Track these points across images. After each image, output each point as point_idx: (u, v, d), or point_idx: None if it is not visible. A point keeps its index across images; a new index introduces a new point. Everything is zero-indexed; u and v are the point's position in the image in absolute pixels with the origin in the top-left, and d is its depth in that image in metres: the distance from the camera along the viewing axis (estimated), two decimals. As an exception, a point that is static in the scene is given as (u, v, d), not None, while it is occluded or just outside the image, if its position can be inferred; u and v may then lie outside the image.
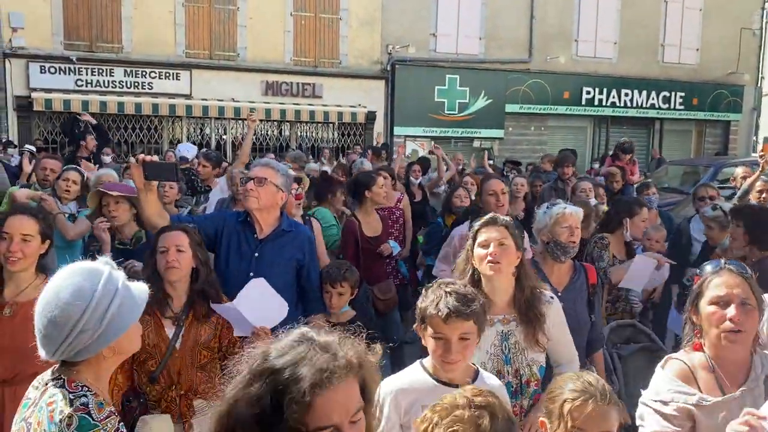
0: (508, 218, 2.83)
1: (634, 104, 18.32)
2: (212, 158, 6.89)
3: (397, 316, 5.20)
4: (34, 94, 12.96)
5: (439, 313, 2.13)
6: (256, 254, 3.29)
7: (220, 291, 2.97)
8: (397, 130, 16.11)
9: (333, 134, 15.89)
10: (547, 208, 3.48)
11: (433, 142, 15.80)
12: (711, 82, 18.72)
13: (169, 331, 2.83)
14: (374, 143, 14.62)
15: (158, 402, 2.78)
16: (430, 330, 2.19)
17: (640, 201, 5.11)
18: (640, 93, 18.26)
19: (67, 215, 4.76)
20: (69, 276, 1.72)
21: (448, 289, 2.20)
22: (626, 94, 18.16)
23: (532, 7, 16.79)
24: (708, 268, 2.26)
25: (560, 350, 2.85)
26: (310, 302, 3.51)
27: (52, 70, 13.25)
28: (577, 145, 17.08)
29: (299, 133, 15.67)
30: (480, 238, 2.70)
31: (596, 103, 17.89)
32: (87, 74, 13.46)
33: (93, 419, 1.65)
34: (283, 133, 15.56)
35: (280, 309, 2.88)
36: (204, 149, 9.74)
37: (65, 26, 13.29)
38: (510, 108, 16.98)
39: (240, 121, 14.96)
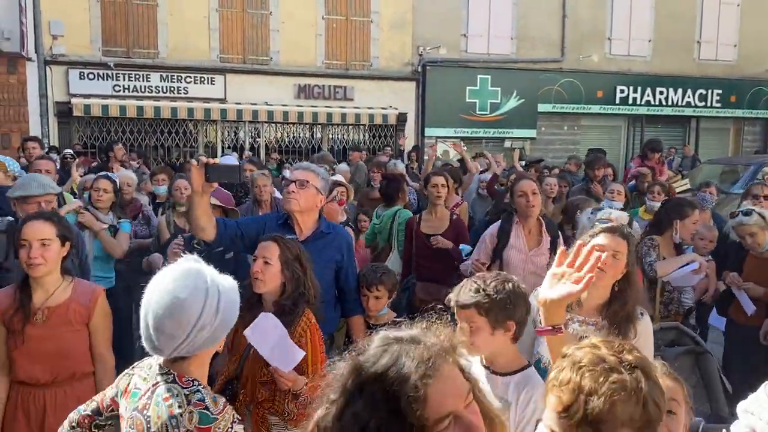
0: (631, 231, 2.82)
1: (670, 102, 18.02)
2: (256, 163, 7.03)
3: None
4: (73, 100, 13.28)
5: (457, 302, 2.34)
6: None
7: (301, 315, 2.80)
8: (428, 132, 16.10)
9: (364, 136, 15.95)
10: (592, 213, 3.47)
11: (462, 143, 15.81)
12: (749, 78, 18.30)
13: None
14: (399, 147, 14.60)
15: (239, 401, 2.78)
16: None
17: (691, 202, 5.03)
18: (675, 91, 17.95)
19: (107, 227, 4.82)
20: (180, 277, 1.77)
21: (473, 280, 2.39)
22: (661, 93, 17.87)
23: (564, 5, 16.63)
24: None
25: None
26: (348, 303, 3.54)
27: (91, 76, 13.56)
28: (611, 145, 16.89)
29: (331, 136, 15.77)
30: (596, 241, 2.67)
31: (630, 101, 17.63)
32: (124, 80, 13.74)
33: (212, 413, 1.72)
34: (314, 136, 15.68)
35: (294, 354, 2.63)
36: (248, 155, 9.91)
37: (103, 33, 13.59)
38: (542, 108, 16.85)
39: (273, 124, 15.12)
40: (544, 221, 4.42)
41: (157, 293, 1.76)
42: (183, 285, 1.75)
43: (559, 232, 4.53)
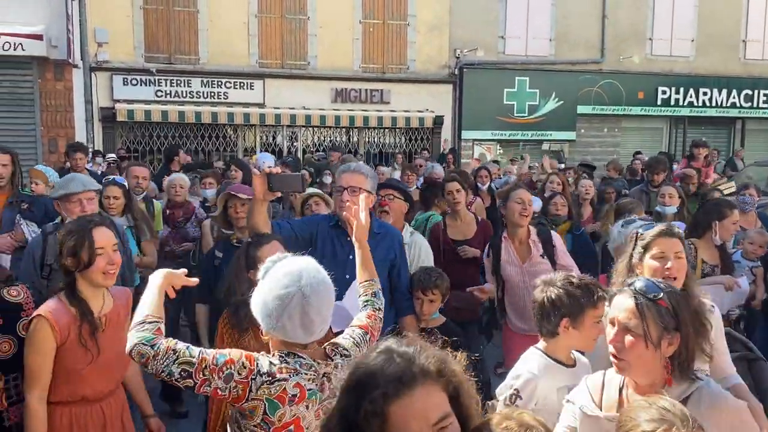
0: (680, 229, 2.86)
1: (713, 103, 17.59)
2: (290, 164, 7.02)
3: (475, 330, 5.11)
4: (117, 105, 13.60)
5: None
6: (351, 257, 3.25)
7: None
8: (465, 134, 16.03)
9: (400, 139, 15.96)
10: (622, 226, 3.39)
11: (487, 146, 15.71)
12: (798, 78, 17.77)
13: None
14: (441, 149, 14.58)
15: None
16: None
17: (729, 203, 4.90)
18: (719, 91, 17.52)
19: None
20: (311, 266, 2.01)
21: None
22: (704, 93, 17.45)
23: (603, 6, 16.39)
24: None
25: (722, 360, 2.77)
26: (400, 303, 3.52)
27: (134, 82, 13.87)
28: (653, 147, 16.52)
29: (367, 139, 15.82)
30: (654, 250, 2.69)
31: (672, 102, 17.27)
32: (166, 85, 14.02)
33: None
34: (351, 140, 15.75)
35: (346, 313, 2.82)
36: (285, 156, 9.98)
37: (146, 40, 13.90)
38: (582, 109, 16.61)
39: (310, 128, 15.24)
40: (532, 229, 4.31)
41: (308, 284, 1.93)
42: (318, 272, 1.98)
43: (554, 235, 4.39)
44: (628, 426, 1.68)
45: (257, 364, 1.92)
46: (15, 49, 12.39)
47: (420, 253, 4.13)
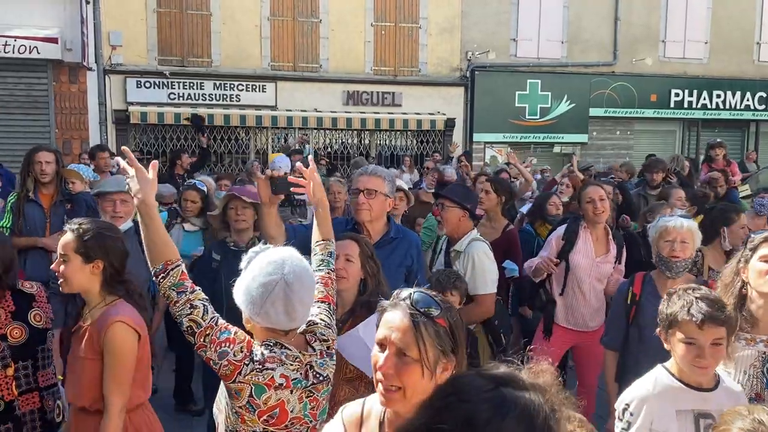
0: None
1: (727, 106, 17.46)
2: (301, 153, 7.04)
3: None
4: (130, 108, 13.70)
5: (693, 319, 2.17)
6: None
7: None
8: (477, 137, 16.00)
9: (411, 142, 15.96)
10: (657, 221, 3.43)
11: (510, 151, 15.63)
12: (813, 80, 17.61)
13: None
14: (449, 154, 14.50)
15: None
16: (679, 335, 2.22)
17: (735, 207, 4.91)
18: (733, 94, 17.39)
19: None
20: (300, 257, 2.12)
21: (696, 295, 2.23)
22: (718, 96, 17.33)
23: (616, 8, 16.32)
24: None
25: None
26: None
27: (147, 84, 13.96)
28: (666, 150, 16.42)
29: (378, 142, 15.83)
30: (762, 251, 2.58)
31: (686, 105, 17.16)
32: (179, 88, 14.10)
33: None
34: (363, 142, 15.77)
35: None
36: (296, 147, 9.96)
37: (159, 43, 13.99)
38: (594, 112, 16.54)
39: (322, 131, 15.28)
40: (610, 230, 4.36)
41: (292, 272, 2.01)
42: (300, 261, 2.07)
43: (623, 243, 4.44)
44: (721, 428, 1.74)
45: (252, 352, 2.02)
46: (30, 53, 12.52)
47: (470, 266, 3.83)
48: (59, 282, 2.65)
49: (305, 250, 3.37)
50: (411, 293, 1.68)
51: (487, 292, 3.79)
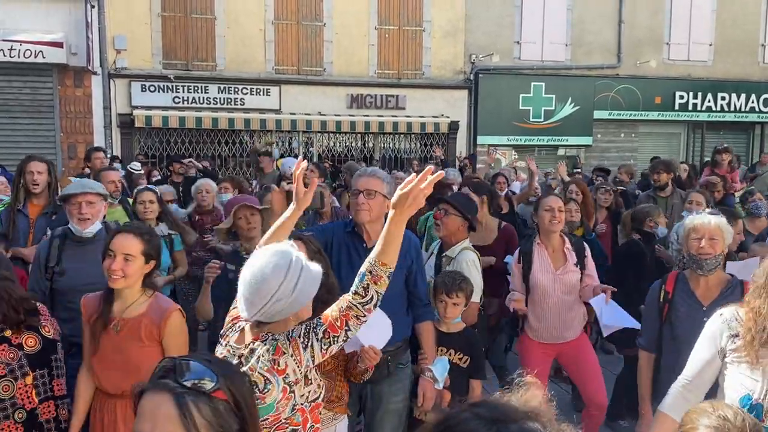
0: None
1: (732, 108, 17.40)
2: (321, 168, 7.04)
3: (502, 340, 5.07)
4: (135, 112, 13.73)
5: None
6: None
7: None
8: (481, 140, 15.99)
9: (415, 145, 15.96)
10: (684, 220, 3.42)
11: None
12: (818, 82, 17.54)
13: None
14: (438, 157, 14.26)
15: None
16: None
17: (732, 212, 4.89)
18: (738, 96, 17.33)
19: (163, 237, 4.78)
20: (269, 255, 2.10)
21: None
22: (723, 98, 17.27)
23: (620, 11, 16.30)
24: None
25: None
26: (418, 308, 3.45)
27: (152, 88, 14.00)
28: (671, 152, 16.41)
29: (382, 145, 15.83)
30: None
31: (690, 108, 17.11)
32: (183, 92, 14.13)
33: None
34: (366, 145, 15.77)
35: (387, 329, 2.84)
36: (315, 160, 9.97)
37: (164, 47, 14.02)
38: (598, 114, 16.52)
39: (326, 134, 15.30)
40: (566, 238, 4.30)
41: (249, 266, 2.10)
42: (268, 262, 2.07)
43: (586, 246, 4.39)
44: (686, 427, 1.72)
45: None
46: (35, 57, 12.60)
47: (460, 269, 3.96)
48: (115, 277, 2.80)
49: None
50: (178, 362, 1.31)
51: (472, 301, 3.83)
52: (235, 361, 2.11)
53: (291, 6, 14.60)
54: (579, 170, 12.81)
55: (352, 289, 2.13)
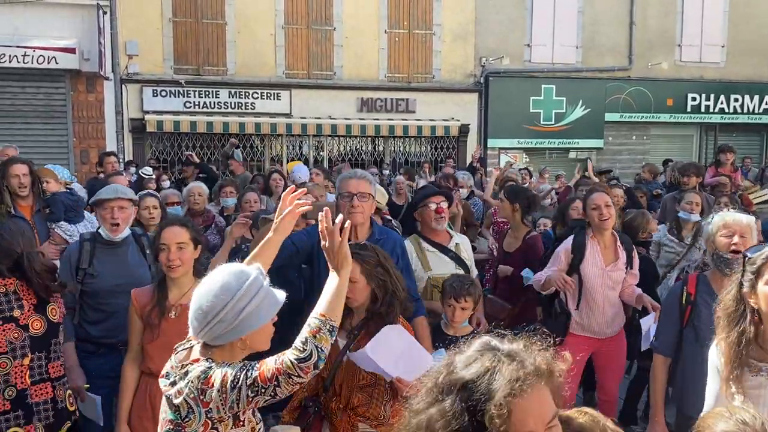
0: None
1: (745, 110, 17.26)
2: (325, 171, 7.12)
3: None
4: (147, 116, 13.81)
5: None
6: None
7: (398, 315, 2.87)
8: (491, 143, 15.96)
9: (426, 148, 15.95)
10: (713, 217, 3.33)
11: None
12: (832, 83, 17.36)
13: (341, 342, 2.80)
14: (473, 160, 14.23)
15: (327, 411, 2.79)
16: None
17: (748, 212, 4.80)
18: (751, 98, 17.19)
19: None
20: (223, 273, 1.99)
21: None
22: (736, 100, 17.14)
23: (631, 12, 16.23)
24: None
25: None
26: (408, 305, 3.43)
27: (163, 93, 14.08)
28: (683, 155, 16.27)
29: (393, 148, 15.84)
30: None
31: (703, 109, 16.99)
32: (195, 96, 14.21)
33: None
34: (377, 149, 15.78)
35: (421, 360, 2.63)
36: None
37: (175, 52, 14.11)
38: (609, 117, 16.44)
39: (336, 138, 15.32)
40: (617, 235, 4.30)
41: (203, 282, 2.01)
42: (219, 280, 1.96)
43: (634, 246, 4.40)
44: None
45: None
46: (49, 63, 12.71)
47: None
48: (174, 266, 3.06)
49: (290, 261, 3.32)
50: None
51: None
52: (172, 382, 1.99)
53: (301, 10, 14.65)
54: (613, 173, 12.73)
55: (294, 342, 1.93)
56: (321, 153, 15.42)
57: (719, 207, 5.32)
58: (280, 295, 2.01)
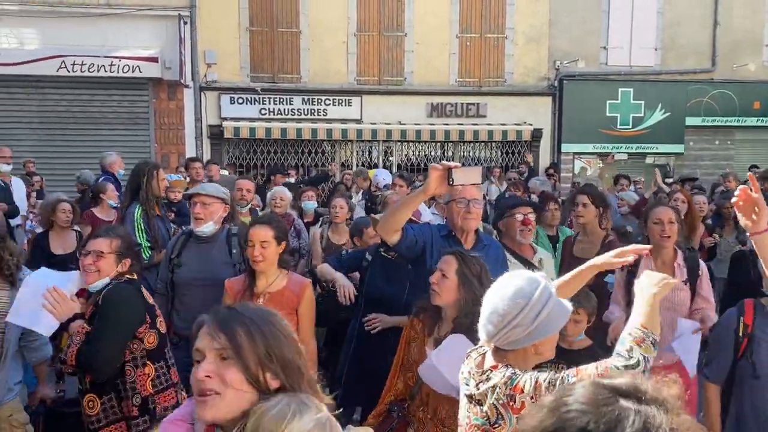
0: None
1: (840, 112, 16.22)
2: (406, 178, 7.21)
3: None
4: (224, 123, 14.24)
5: None
6: None
7: None
8: (565, 147, 15.61)
9: (496, 153, 15.75)
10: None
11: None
12: None
13: (429, 351, 2.81)
14: (528, 165, 13.94)
15: (414, 419, 2.81)
16: None
17: None
18: None
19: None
20: (514, 279, 2.03)
21: None
22: (830, 102, 16.13)
23: (715, 12, 15.54)
24: None
25: None
26: None
27: (240, 100, 14.49)
28: (770, 160, 15.46)
29: (462, 153, 15.72)
30: None
31: (792, 113, 16.08)
32: (270, 103, 14.55)
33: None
34: (446, 154, 15.69)
35: None
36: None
37: (251, 61, 14.49)
38: (691, 121, 15.78)
39: (405, 143, 15.35)
40: (680, 251, 4.02)
41: (494, 288, 2.04)
42: (513, 285, 1.98)
43: (702, 264, 4.09)
44: None
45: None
46: (133, 72, 13.31)
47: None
48: (257, 261, 3.44)
49: (408, 251, 3.40)
50: None
51: None
52: (473, 385, 2.04)
53: (373, 18, 14.77)
54: (670, 179, 12.27)
55: (614, 352, 1.92)
56: (390, 158, 15.48)
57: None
58: (568, 304, 2.06)
